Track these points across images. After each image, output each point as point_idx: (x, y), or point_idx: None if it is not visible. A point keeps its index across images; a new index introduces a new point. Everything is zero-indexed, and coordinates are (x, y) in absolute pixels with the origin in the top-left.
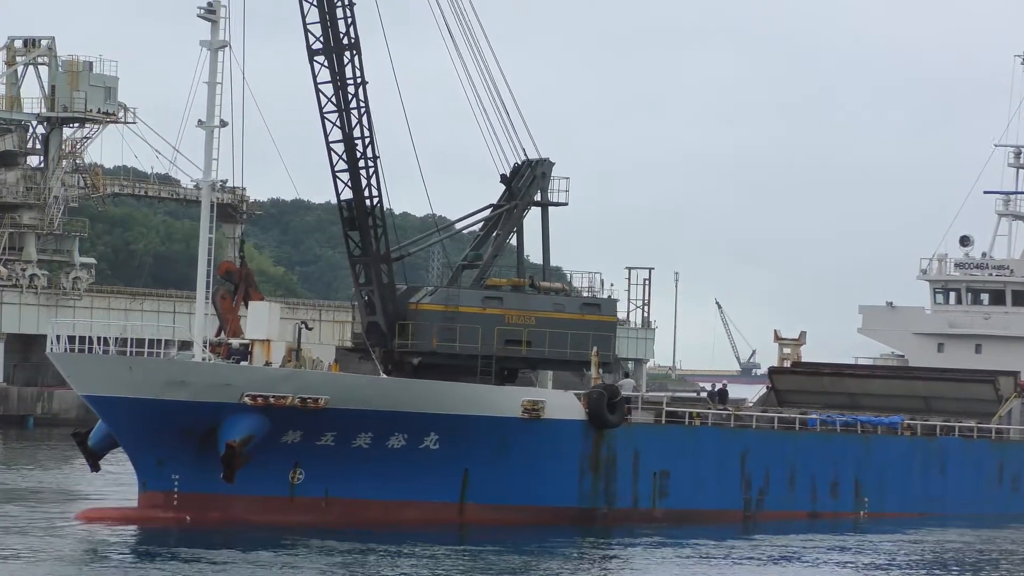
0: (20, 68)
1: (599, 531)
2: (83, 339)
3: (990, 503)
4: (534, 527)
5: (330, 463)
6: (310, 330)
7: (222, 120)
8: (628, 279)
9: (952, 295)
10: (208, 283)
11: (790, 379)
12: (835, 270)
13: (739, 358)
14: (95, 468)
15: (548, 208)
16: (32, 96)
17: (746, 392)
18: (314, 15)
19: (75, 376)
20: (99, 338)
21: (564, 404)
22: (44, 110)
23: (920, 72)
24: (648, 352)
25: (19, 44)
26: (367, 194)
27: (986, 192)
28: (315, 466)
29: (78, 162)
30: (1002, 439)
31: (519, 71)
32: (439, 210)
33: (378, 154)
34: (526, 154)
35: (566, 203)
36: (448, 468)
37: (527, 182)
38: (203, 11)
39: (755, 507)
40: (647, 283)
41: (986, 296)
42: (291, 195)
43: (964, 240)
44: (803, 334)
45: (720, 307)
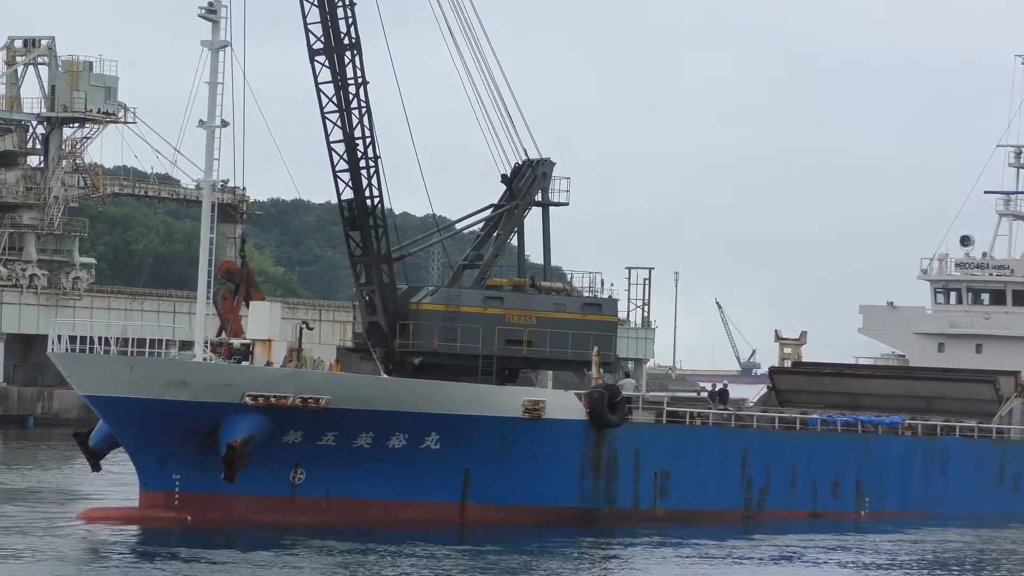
0: (20, 68)
1: (600, 531)
2: (84, 339)
3: (991, 503)
4: (535, 527)
5: (331, 463)
6: (311, 330)
7: (223, 120)
8: (628, 279)
9: (953, 295)
10: (209, 283)
11: (791, 379)
12: (835, 270)
13: (739, 358)
14: (96, 468)
15: (549, 208)
16: (32, 96)
17: (746, 392)
18: (315, 15)
19: (76, 376)
20: (100, 338)
21: (565, 404)
22: (44, 110)
23: (920, 72)
24: (648, 352)
25: (19, 44)
26: (368, 194)
27: (987, 192)
28: (316, 466)
29: (78, 162)
30: (1003, 439)
31: (519, 71)
32: (439, 210)
33: (379, 154)
34: (527, 154)
35: (567, 203)
36: (449, 468)
37: (528, 182)
38: (204, 11)
39: (756, 507)
40: (647, 283)
41: (987, 296)
42: (291, 195)
43: (965, 240)
44: (804, 334)
45: (720, 307)
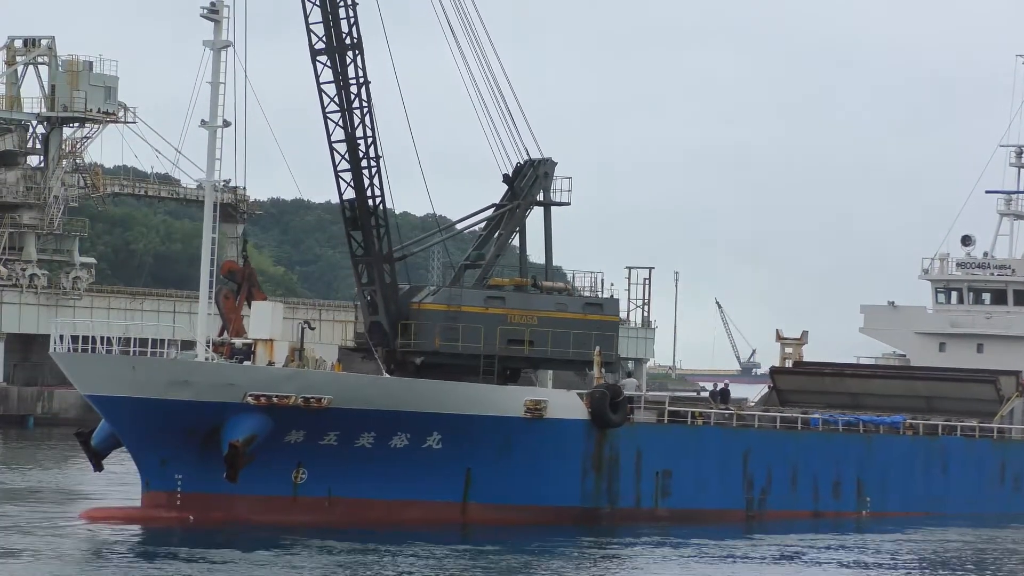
0: (20, 68)
1: (602, 531)
2: (86, 339)
3: (992, 503)
4: (537, 527)
5: (333, 463)
6: (312, 330)
7: (225, 120)
8: (628, 279)
9: (954, 295)
10: (211, 283)
11: (792, 379)
12: (836, 270)
13: (739, 358)
14: (98, 468)
15: (550, 208)
16: (32, 96)
17: (746, 392)
18: (317, 15)
19: (78, 376)
20: (102, 338)
21: (567, 404)
22: (44, 110)
23: (920, 72)
24: (648, 352)
25: (19, 44)
26: (370, 194)
27: (988, 192)
28: (318, 466)
29: (78, 162)
30: (1004, 439)
31: (520, 71)
32: (439, 210)
33: (381, 154)
34: (528, 154)
35: (568, 203)
36: (451, 468)
37: (529, 182)
38: (206, 11)
39: (757, 507)
40: (647, 283)
41: (988, 296)
42: (291, 195)
43: (966, 240)
44: (805, 334)
45: (720, 307)
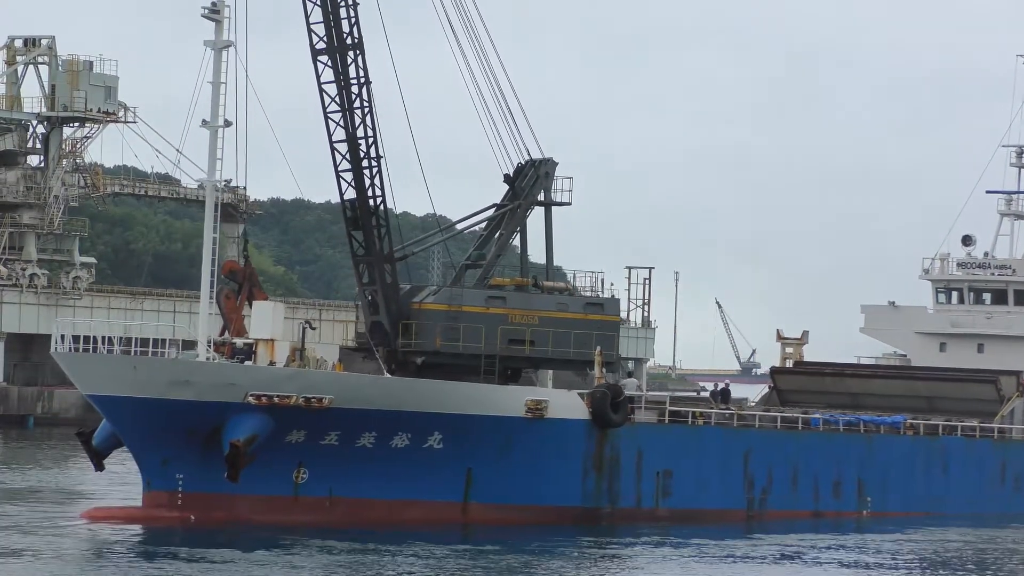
0: (20, 67)
1: (602, 530)
2: (87, 339)
3: (992, 503)
4: (537, 527)
5: (334, 463)
6: (314, 329)
7: (226, 120)
8: (628, 279)
9: (954, 295)
10: (212, 282)
11: (792, 379)
12: (836, 270)
13: (739, 358)
14: (99, 467)
15: (551, 208)
16: (32, 95)
17: (746, 392)
18: (317, 15)
19: (80, 376)
20: (104, 338)
21: (568, 404)
22: (44, 109)
23: (920, 72)
24: (648, 352)
25: (19, 44)
26: (371, 194)
27: (988, 192)
28: (319, 466)
29: (78, 161)
30: (1004, 439)
31: (520, 71)
32: (439, 210)
33: (382, 154)
34: (529, 154)
35: (569, 203)
36: (452, 467)
37: (530, 182)
38: (207, 11)
39: (758, 507)
40: (647, 283)
41: (988, 296)
42: (291, 195)
43: (966, 240)
44: (805, 333)
45: (720, 307)
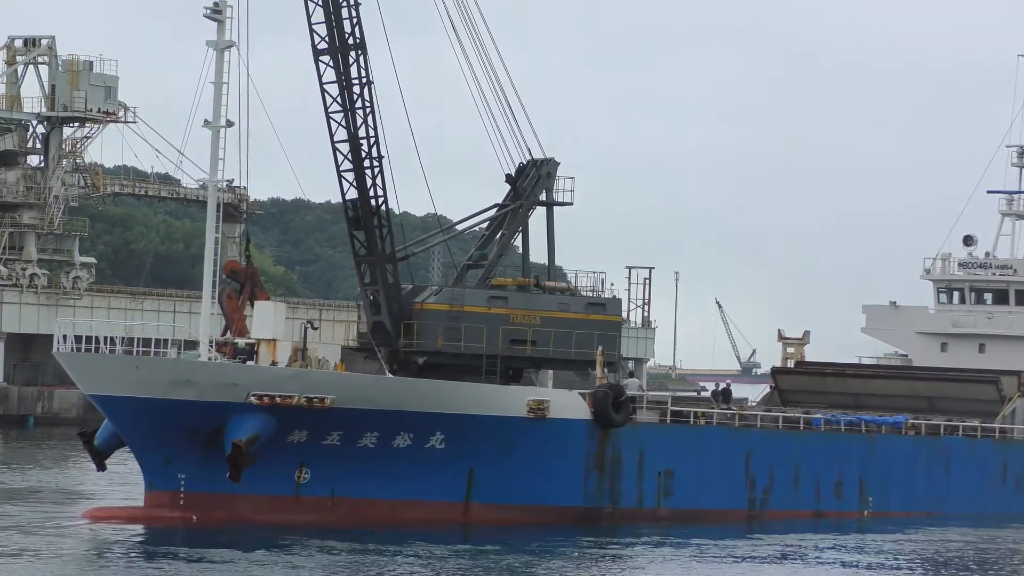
0: (20, 67)
1: (604, 530)
2: (89, 339)
3: (994, 503)
4: (539, 527)
5: (336, 463)
6: (316, 329)
7: (228, 120)
8: (628, 279)
9: (956, 295)
10: (214, 282)
11: (793, 379)
12: (836, 270)
13: (739, 357)
14: (101, 468)
15: (553, 208)
16: (32, 95)
17: (746, 392)
18: (319, 15)
19: (81, 376)
20: (105, 338)
21: (569, 404)
22: (44, 109)
23: (920, 72)
24: (648, 352)
25: (19, 44)
26: (372, 194)
27: (989, 192)
28: (321, 466)
29: (78, 161)
30: (1005, 439)
31: (521, 71)
32: (440, 210)
33: (384, 154)
34: (531, 154)
35: (571, 203)
36: (453, 467)
37: (532, 182)
38: (209, 11)
39: (759, 506)
40: (647, 283)
41: (989, 296)
42: (291, 195)
43: (967, 240)
44: (807, 333)
45: (720, 307)
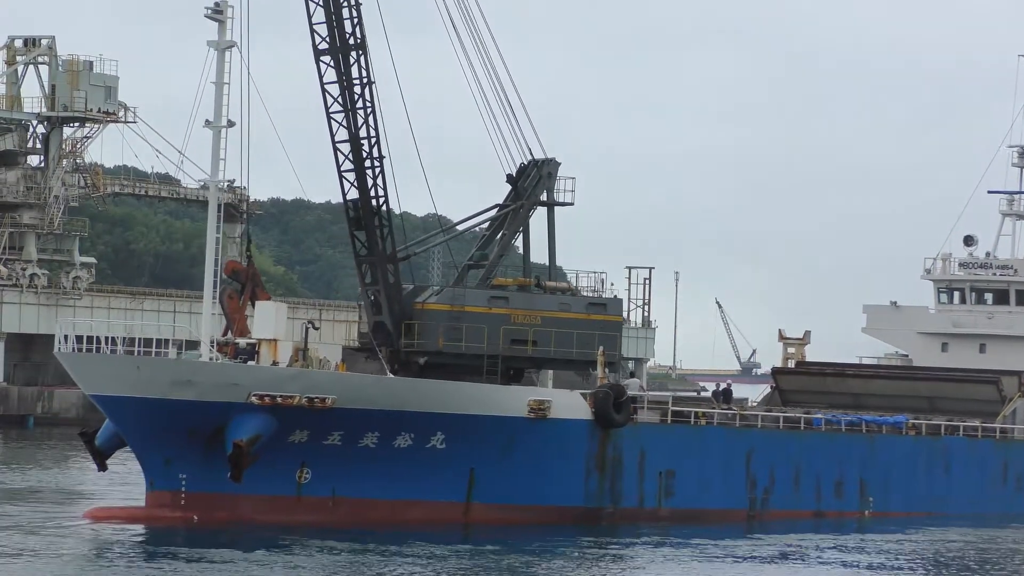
0: (20, 67)
1: (604, 530)
2: (90, 339)
3: (994, 503)
4: (540, 527)
5: (337, 463)
6: (317, 330)
7: (229, 120)
8: (628, 279)
9: (956, 295)
10: (215, 282)
11: (794, 379)
12: (837, 270)
13: (739, 357)
14: (102, 467)
15: (554, 208)
16: (32, 95)
17: (747, 392)
18: (320, 15)
19: (83, 376)
20: (107, 338)
21: (570, 404)
22: (44, 109)
23: (920, 72)
24: (648, 352)
25: (19, 44)
26: (373, 194)
27: (990, 192)
28: (322, 466)
29: (78, 161)
30: (1006, 439)
31: (521, 71)
32: (440, 210)
33: (384, 154)
34: (532, 154)
35: (572, 203)
36: (454, 468)
37: (533, 182)
38: (210, 11)
39: (760, 506)
40: (647, 283)
41: (990, 296)
42: (291, 195)
43: (968, 240)
44: (807, 333)
45: (720, 307)
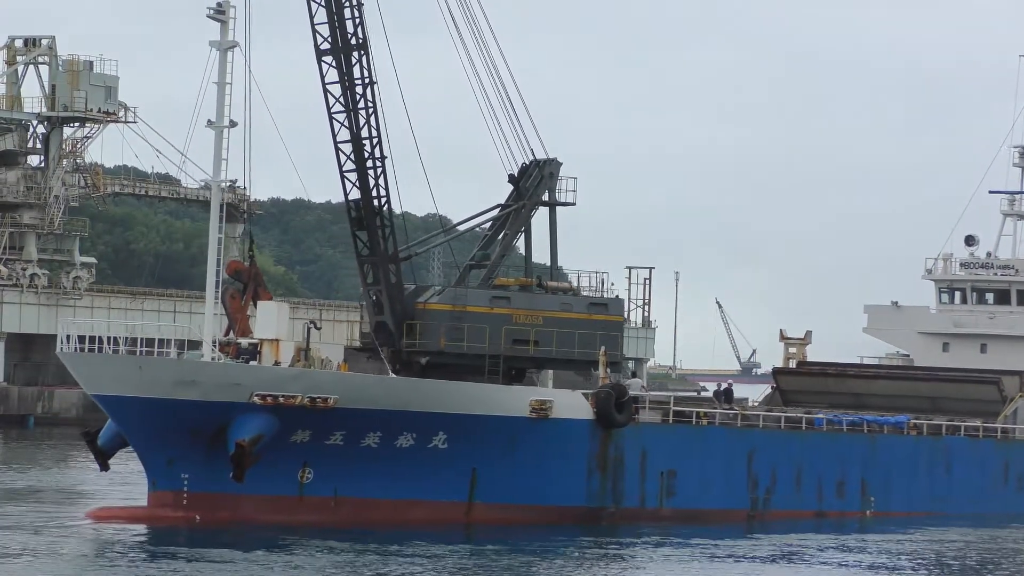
0: (20, 67)
1: (606, 530)
2: (92, 339)
3: (995, 502)
4: (541, 526)
5: (339, 462)
6: (319, 330)
7: (232, 120)
8: (628, 279)
9: (957, 295)
10: (217, 282)
11: (795, 379)
12: (837, 269)
13: (739, 357)
14: (104, 467)
15: (556, 208)
16: (32, 95)
17: (747, 392)
18: (322, 15)
19: (85, 376)
20: (109, 338)
21: (572, 404)
22: (44, 109)
23: (920, 72)
24: (648, 352)
25: (19, 43)
26: (375, 194)
27: (991, 192)
28: (324, 465)
29: (78, 161)
30: (1007, 439)
31: (522, 71)
32: (441, 210)
33: (386, 154)
34: (534, 154)
35: (574, 203)
36: (456, 467)
37: (535, 182)
38: (213, 11)
39: (762, 506)
40: (647, 283)
41: (991, 296)
42: (291, 195)
43: (969, 240)
44: (808, 333)
45: (720, 307)
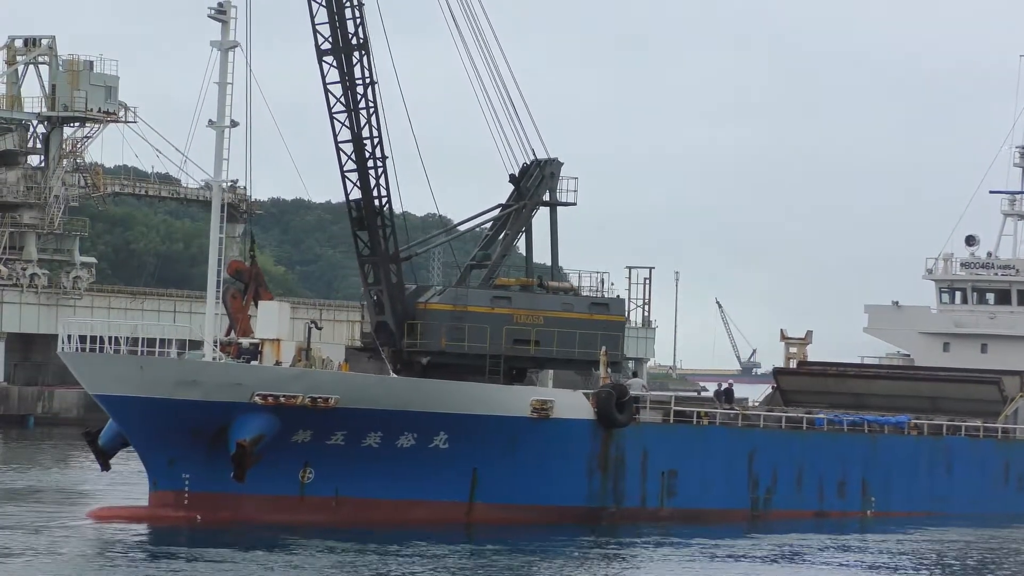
0: (20, 67)
1: (607, 530)
2: (93, 339)
3: (996, 502)
4: (542, 526)
5: (340, 462)
6: (320, 329)
7: (233, 120)
8: (628, 279)
9: (958, 295)
10: (219, 282)
11: (795, 379)
12: (837, 269)
13: (739, 357)
14: (105, 467)
15: (556, 208)
16: (33, 95)
17: (747, 392)
18: (323, 15)
19: (86, 376)
20: (110, 338)
21: (573, 404)
22: (45, 109)
23: (920, 72)
24: (648, 351)
25: (19, 43)
26: (376, 194)
27: (992, 192)
28: (325, 465)
29: (79, 161)
30: (1008, 439)
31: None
32: (442, 210)
33: (387, 154)
34: (535, 154)
35: (575, 203)
36: (457, 467)
37: (536, 182)
38: (214, 11)
39: (762, 506)
40: (647, 283)
41: (992, 296)
42: (291, 195)
43: (970, 240)
44: (809, 333)
45: (720, 307)
